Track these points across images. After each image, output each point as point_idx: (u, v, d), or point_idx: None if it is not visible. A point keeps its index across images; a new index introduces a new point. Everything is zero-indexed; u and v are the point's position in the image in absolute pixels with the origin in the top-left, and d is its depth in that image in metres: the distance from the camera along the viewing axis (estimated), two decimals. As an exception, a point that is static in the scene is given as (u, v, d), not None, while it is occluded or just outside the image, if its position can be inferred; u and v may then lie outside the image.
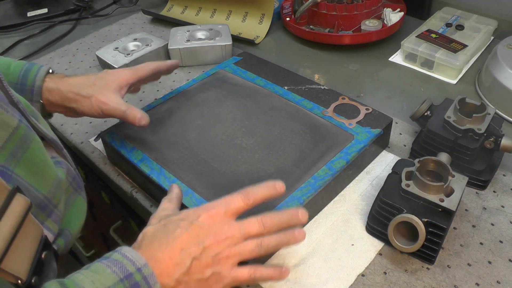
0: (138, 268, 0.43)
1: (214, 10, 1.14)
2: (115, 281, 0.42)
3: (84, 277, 0.42)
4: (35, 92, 0.62)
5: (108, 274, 0.42)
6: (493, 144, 0.65)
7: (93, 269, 0.44)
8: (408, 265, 0.57)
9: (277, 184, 0.51)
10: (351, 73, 0.94)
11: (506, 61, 0.80)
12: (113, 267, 0.43)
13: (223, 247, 0.47)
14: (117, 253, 0.45)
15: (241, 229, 0.48)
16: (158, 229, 0.49)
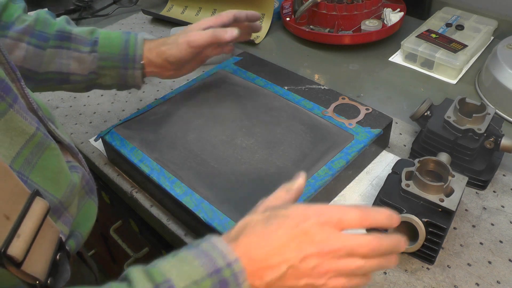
0: (228, 263, 0.40)
1: (214, 10, 1.14)
2: (203, 275, 0.39)
3: (170, 267, 0.40)
4: (137, 60, 0.67)
5: (196, 267, 0.40)
6: (493, 144, 0.65)
7: (181, 258, 0.41)
8: (408, 265, 0.57)
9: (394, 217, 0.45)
10: (351, 73, 0.94)
11: (506, 61, 0.80)
12: (202, 258, 0.40)
13: (324, 260, 0.42)
14: (207, 242, 0.42)
15: (348, 246, 0.42)
16: (260, 221, 0.44)
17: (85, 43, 0.66)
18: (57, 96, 0.91)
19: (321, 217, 0.42)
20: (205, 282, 0.39)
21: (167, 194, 0.62)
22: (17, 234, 0.39)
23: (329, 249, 0.42)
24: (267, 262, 0.41)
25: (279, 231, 0.42)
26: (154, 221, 0.68)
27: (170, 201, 0.63)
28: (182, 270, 0.39)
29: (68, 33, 0.66)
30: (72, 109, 0.88)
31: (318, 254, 0.42)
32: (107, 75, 0.68)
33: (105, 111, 0.87)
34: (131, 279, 0.38)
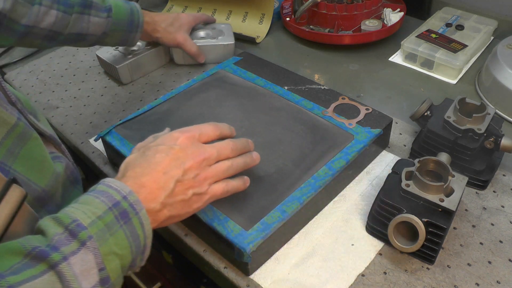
0: (123, 196, 0.45)
1: (214, 10, 1.14)
2: (105, 210, 0.44)
3: (75, 209, 0.43)
4: (140, 26, 0.85)
5: (97, 204, 0.44)
6: (493, 144, 0.65)
7: (82, 201, 0.45)
8: (408, 265, 0.57)
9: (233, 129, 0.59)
10: (351, 73, 0.94)
11: (506, 61, 0.80)
12: (101, 197, 0.45)
13: (201, 168, 0.51)
14: (101, 184, 0.47)
15: (215, 151, 0.53)
16: (138, 157, 0.51)
17: (102, 10, 0.79)
18: (57, 96, 0.91)
19: (186, 134, 0.52)
20: (107, 216, 0.43)
21: (167, 194, 0.62)
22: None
23: (202, 157, 0.51)
24: (156, 184, 0.48)
25: (157, 156, 0.50)
26: (154, 221, 0.68)
27: (170, 201, 0.63)
28: (85, 209, 0.43)
29: (89, 0, 0.78)
30: (72, 109, 0.88)
31: (195, 165, 0.50)
32: (115, 36, 0.83)
33: (105, 111, 0.86)
34: (43, 228, 0.41)
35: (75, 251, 0.40)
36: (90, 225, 0.42)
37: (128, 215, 0.45)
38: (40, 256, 0.39)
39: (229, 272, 0.58)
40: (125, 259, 0.44)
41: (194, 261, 0.64)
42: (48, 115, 0.87)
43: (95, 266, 0.41)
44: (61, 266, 0.39)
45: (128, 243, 0.44)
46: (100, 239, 0.42)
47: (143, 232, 0.46)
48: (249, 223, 0.56)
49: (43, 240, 0.40)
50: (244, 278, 0.57)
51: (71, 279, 0.39)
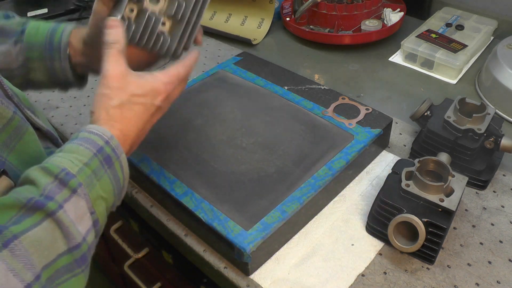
0: (106, 141, 0.47)
1: (214, 13, 1.14)
2: (90, 156, 0.45)
3: (61, 158, 0.44)
4: (62, 49, 0.61)
5: (82, 151, 0.45)
6: (493, 144, 0.65)
7: (67, 149, 0.46)
8: (408, 265, 0.57)
9: None
10: (351, 73, 0.94)
11: (506, 61, 0.80)
12: (85, 144, 0.46)
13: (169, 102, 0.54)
14: (83, 131, 0.47)
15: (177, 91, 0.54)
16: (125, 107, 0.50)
17: (11, 35, 0.61)
18: (57, 96, 0.91)
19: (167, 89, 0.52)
20: (93, 162, 0.45)
21: (167, 194, 0.62)
22: None
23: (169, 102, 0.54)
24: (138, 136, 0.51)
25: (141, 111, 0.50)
26: (154, 221, 0.68)
27: (170, 201, 0.63)
28: (72, 158, 0.44)
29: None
30: (72, 109, 0.88)
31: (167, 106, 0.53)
32: (35, 68, 0.62)
33: (105, 111, 0.86)
34: (33, 178, 0.42)
35: (67, 198, 0.42)
36: (78, 173, 0.43)
37: (111, 159, 0.47)
38: (37, 206, 0.40)
39: (229, 272, 0.58)
40: (109, 201, 0.47)
41: (194, 261, 0.64)
42: (48, 115, 0.87)
43: (87, 211, 0.43)
44: (58, 213, 0.40)
45: (112, 187, 0.47)
46: (88, 186, 0.44)
47: (123, 174, 0.48)
48: (249, 223, 0.56)
49: (34, 190, 0.41)
50: (244, 278, 0.57)
51: (69, 225, 0.41)
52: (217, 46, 1.04)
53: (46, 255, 0.39)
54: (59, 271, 0.40)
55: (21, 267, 0.36)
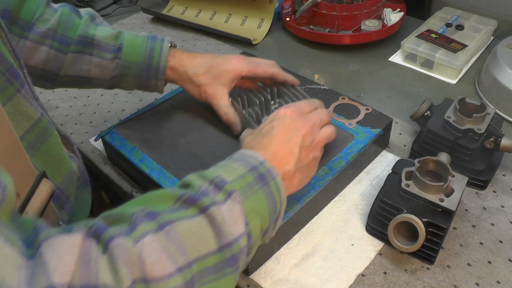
0: (260, 162, 0.47)
1: (214, 12, 1.14)
2: (244, 171, 0.45)
3: (217, 170, 0.45)
4: (160, 71, 0.66)
5: (236, 167, 0.46)
6: (493, 144, 0.65)
7: (222, 165, 0.47)
8: (408, 265, 0.57)
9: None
10: (351, 73, 0.94)
11: (506, 61, 0.80)
12: (239, 161, 0.47)
13: (314, 133, 0.54)
14: (236, 154, 0.49)
15: (318, 117, 0.56)
16: (255, 136, 0.54)
17: (108, 50, 0.65)
18: (57, 96, 0.91)
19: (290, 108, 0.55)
20: (247, 176, 0.45)
21: (167, 194, 0.62)
22: (25, 211, 0.42)
23: (312, 123, 0.54)
24: (285, 150, 0.51)
25: (274, 130, 0.52)
26: (154, 221, 0.68)
27: (170, 201, 0.63)
28: (227, 170, 0.45)
29: (91, 38, 0.64)
30: (72, 109, 0.88)
31: (309, 131, 0.53)
32: (129, 81, 0.67)
33: (105, 111, 0.86)
34: (189, 182, 0.43)
35: (222, 201, 0.42)
36: (233, 182, 0.44)
37: (266, 178, 0.46)
38: (191, 200, 0.41)
39: (229, 272, 0.58)
40: (264, 220, 0.45)
41: (194, 261, 0.64)
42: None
43: (241, 216, 0.42)
44: (211, 209, 0.40)
45: (267, 205, 0.45)
46: (243, 194, 0.43)
47: (280, 198, 0.47)
48: (249, 223, 0.56)
49: (191, 190, 0.42)
50: (244, 278, 0.57)
51: (221, 222, 0.40)
52: (217, 46, 1.04)
53: (197, 248, 0.38)
54: (207, 270, 0.39)
55: (175, 250, 0.36)
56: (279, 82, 0.69)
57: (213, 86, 0.65)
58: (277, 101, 0.69)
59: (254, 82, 0.72)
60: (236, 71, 0.66)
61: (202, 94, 0.67)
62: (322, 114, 0.57)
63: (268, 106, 0.68)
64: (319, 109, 0.58)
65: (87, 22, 0.65)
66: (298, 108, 0.56)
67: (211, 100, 0.66)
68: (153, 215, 0.38)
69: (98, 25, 0.67)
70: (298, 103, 0.58)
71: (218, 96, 0.66)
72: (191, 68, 0.66)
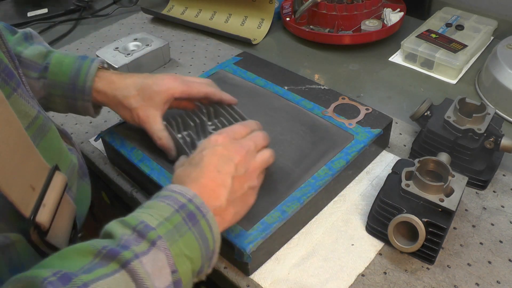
0: (188, 199, 0.45)
1: (214, 12, 1.14)
2: (171, 212, 0.43)
3: (140, 213, 0.43)
4: (86, 92, 0.62)
5: (163, 207, 0.44)
6: (493, 144, 0.65)
7: (147, 206, 0.45)
8: (408, 265, 0.57)
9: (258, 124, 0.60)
10: (351, 73, 0.94)
11: (506, 61, 0.80)
12: (166, 200, 0.45)
13: (248, 160, 0.52)
14: (164, 190, 0.47)
15: (253, 142, 0.54)
16: (186, 167, 0.51)
17: (34, 68, 0.62)
18: (57, 96, 0.91)
19: (222, 135, 0.53)
20: (174, 217, 0.43)
21: (167, 194, 0.62)
22: (43, 203, 0.43)
23: (246, 150, 0.52)
24: (215, 182, 0.48)
25: (205, 159, 0.50)
26: (154, 221, 0.68)
27: (170, 201, 0.63)
28: (152, 212, 0.43)
29: (17, 56, 0.61)
30: (72, 109, 0.87)
31: (242, 159, 0.51)
32: (57, 102, 0.64)
33: (105, 111, 0.86)
34: (110, 232, 0.41)
35: (145, 251, 0.39)
36: (158, 226, 0.41)
37: (195, 217, 0.44)
38: (111, 254, 0.38)
39: (229, 272, 0.58)
40: (195, 262, 0.43)
41: (194, 261, 0.64)
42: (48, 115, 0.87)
43: (167, 267, 0.40)
44: (132, 263, 0.38)
45: (198, 246, 0.43)
46: (169, 240, 0.41)
47: (212, 235, 0.45)
48: (249, 223, 0.56)
49: (111, 242, 0.40)
50: (244, 278, 0.57)
51: (144, 277, 0.38)
52: (217, 46, 1.04)
53: None
54: None
55: None
56: (215, 102, 0.66)
57: (144, 109, 0.62)
58: (214, 121, 0.65)
59: (191, 101, 0.67)
60: (168, 92, 0.62)
61: (135, 118, 0.62)
62: (258, 138, 0.55)
63: (205, 128, 0.64)
64: (254, 132, 0.56)
65: (18, 39, 0.63)
66: (231, 133, 0.54)
67: (144, 124, 0.62)
68: (67, 278, 0.35)
69: (32, 44, 0.64)
70: (231, 127, 0.56)
71: (150, 120, 0.62)
72: (121, 91, 0.62)
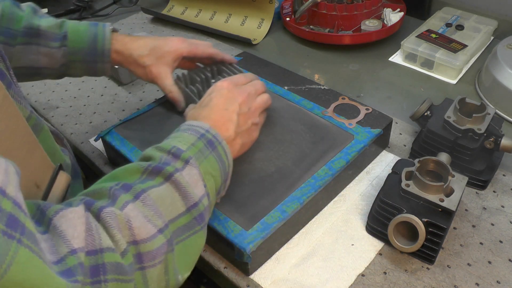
0: (206, 129, 0.53)
1: (214, 13, 1.14)
2: (196, 138, 0.51)
3: (170, 140, 0.50)
4: (106, 54, 0.69)
5: (187, 136, 0.51)
6: (493, 144, 0.65)
7: (173, 136, 0.52)
8: (408, 265, 0.57)
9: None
10: (351, 73, 0.94)
11: (506, 61, 0.80)
12: (188, 131, 0.52)
13: (250, 101, 0.61)
14: (183, 125, 0.54)
15: (253, 88, 0.63)
16: (197, 108, 0.60)
17: (54, 38, 0.67)
18: (57, 96, 0.91)
19: (227, 81, 0.62)
20: (198, 143, 0.50)
21: (167, 194, 0.62)
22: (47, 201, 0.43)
23: (247, 92, 0.61)
24: (223, 118, 0.57)
25: (213, 100, 0.59)
26: (154, 221, 0.68)
27: (170, 201, 0.63)
28: (180, 139, 0.50)
29: (36, 29, 0.66)
30: (72, 109, 0.88)
31: (245, 99, 0.60)
32: (77, 67, 0.70)
33: (105, 111, 0.87)
34: (149, 155, 0.48)
35: (181, 167, 0.47)
36: (187, 149, 0.49)
37: (213, 143, 0.52)
38: (156, 170, 0.45)
39: (229, 272, 0.58)
40: (217, 181, 0.51)
41: (194, 261, 0.64)
42: (48, 115, 0.87)
43: (201, 180, 0.47)
44: (175, 175, 0.45)
45: (218, 166, 0.51)
46: (198, 159, 0.48)
47: (227, 159, 0.53)
48: (249, 223, 0.56)
49: (153, 162, 0.47)
50: (244, 278, 0.57)
51: (186, 186, 0.45)
52: (217, 46, 1.04)
53: (170, 211, 0.44)
54: (181, 229, 0.44)
55: (152, 214, 0.42)
56: (218, 61, 0.75)
57: (157, 66, 0.70)
58: (218, 77, 0.73)
59: (194, 63, 0.77)
60: (178, 52, 0.71)
61: (148, 75, 0.70)
62: (257, 85, 0.64)
63: (209, 83, 0.72)
64: (254, 81, 0.65)
65: (30, 14, 0.67)
66: (234, 80, 0.62)
67: (156, 80, 0.70)
68: (127, 187, 0.43)
69: (41, 16, 0.68)
70: (234, 76, 0.65)
71: (162, 76, 0.70)
72: (135, 51, 0.70)
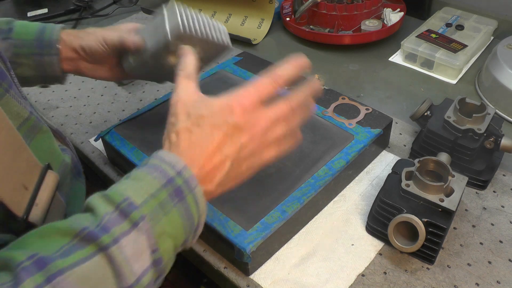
0: (178, 171, 0.42)
1: (214, 13, 1.14)
2: (158, 187, 0.41)
3: (126, 187, 0.41)
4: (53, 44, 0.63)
5: (150, 180, 0.41)
6: (493, 144, 0.65)
7: (134, 177, 0.42)
8: (408, 265, 0.57)
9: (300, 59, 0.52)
10: (351, 73, 0.94)
11: (506, 61, 0.80)
12: (154, 172, 0.42)
13: (256, 141, 0.46)
14: (153, 158, 0.44)
15: (273, 117, 0.46)
16: (193, 131, 0.45)
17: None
18: (57, 96, 0.91)
19: (244, 103, 0.45)
20: (161, 194, 0.41)
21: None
22: (35, 203, 0.43)
23: (258, 130, 0.45)
24: (212, 163, 0.44)
25: (213, 132, 0.44)
26: (154, 221, 0.68)
27: (170, 201, 0.63)
28: (137, 187, 0.41)
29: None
30: (72, 109, 0.88)
31: (251, 139, 0.45)
32: (24, 64, 0.63)
33: (105, 111, 0.87)
34: (93, 206, 0.39)
35: (126, 232, 0.38)
36: (142, 205, 0.39)
37: (182, 193, 0.42)
38: (90, 237, 0.37)
39: (229, 272, 0.58)
40: (178, 239, 0.42)
41: (194, 261, 0.64)
42: (48, 115, 0.87)
43: (148, 248, 0.39)
44: (111, 249, 0.37)
45: (182, 222, 0.42)
46: (153, 219, 0.40)
47: (198, 211, 0.43)
48: (249, 223, 0.56)
49: (92, 220, 0.38)
50: (244, 278, 0.57)
51: (122, 263, 0.37)
52: (217, 46, 1.04)
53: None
54: None
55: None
56: None
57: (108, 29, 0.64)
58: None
59: None
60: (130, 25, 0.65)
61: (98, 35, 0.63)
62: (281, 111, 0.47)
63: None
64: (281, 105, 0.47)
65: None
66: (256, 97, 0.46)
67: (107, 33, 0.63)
68: (42, 263, 0.35)
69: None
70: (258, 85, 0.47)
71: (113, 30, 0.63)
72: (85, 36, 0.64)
